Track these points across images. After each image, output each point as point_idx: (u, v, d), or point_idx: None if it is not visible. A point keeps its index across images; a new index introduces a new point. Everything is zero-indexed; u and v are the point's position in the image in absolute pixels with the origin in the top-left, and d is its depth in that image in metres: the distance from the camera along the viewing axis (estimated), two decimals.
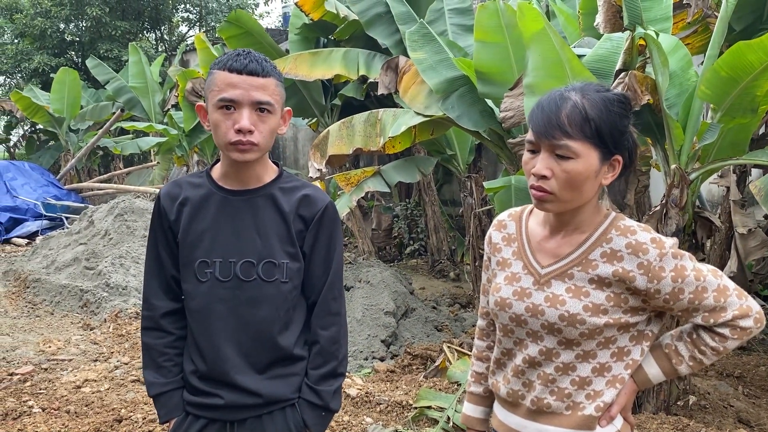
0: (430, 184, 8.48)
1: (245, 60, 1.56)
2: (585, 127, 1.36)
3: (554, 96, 1.41)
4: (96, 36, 16.19)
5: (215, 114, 1.57)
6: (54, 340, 5.36)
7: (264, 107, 1.57)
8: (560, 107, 1.38)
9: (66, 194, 11.86)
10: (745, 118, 3.05)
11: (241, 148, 1.57)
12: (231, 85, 1.54)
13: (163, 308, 1.72)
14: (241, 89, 1.54)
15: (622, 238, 1.41)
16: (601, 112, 1.37)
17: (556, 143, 1.36)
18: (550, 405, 1.47)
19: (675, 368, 1.47)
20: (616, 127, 1.39)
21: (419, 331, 5.83)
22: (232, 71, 1.55)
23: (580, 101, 1.38)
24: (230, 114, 1.55)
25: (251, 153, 1.59)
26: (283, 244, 1.66)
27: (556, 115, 1.37)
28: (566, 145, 1.35)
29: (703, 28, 4.95)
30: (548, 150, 1.38)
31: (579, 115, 1.36)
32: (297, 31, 8.17)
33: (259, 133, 1.57)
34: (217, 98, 1.55)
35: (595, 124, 1.36)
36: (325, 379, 1.71)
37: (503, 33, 3.64)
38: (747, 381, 4.47)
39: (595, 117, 1.36)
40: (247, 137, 1.55)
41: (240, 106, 1.55)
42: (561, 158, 1.37)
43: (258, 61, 1.57)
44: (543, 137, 1.38)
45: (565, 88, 1.44)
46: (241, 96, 1.54)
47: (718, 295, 1.40)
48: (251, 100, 1.55)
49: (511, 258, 1.55)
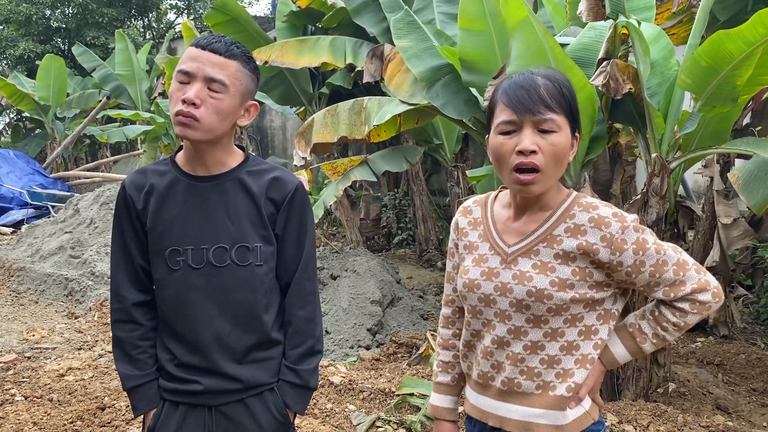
0: (419, 174, 8.47)
1: (213, 39, 1.56)
2: (562, 101, 1.41)
3: (527, 75, 1.45)
4: (82, 23, 16.02)
5: (173, 86, 1.57)
6: (38, 328, 5.34)
7: (216, 84, 1.54)
8: (537, 84, 1.41)
9: (52, 183, 11.76)
10: (725, 107, 3.06)
11: (182, 120, 1.53)
12: (191, 58, 1.54)
13: (133, 299, 1.70)
14: (198, 63, 1.53)
15: (584, 213, 1.44)
16: (570, 90, 1.44)
17: (542, 117, 1.39)
18: (520, 384, 1.49)
19: (640, 346, 1.50)
20: (577, 104, 1.46)
21: (405, 320, 5.85)
22: (198, 47, 1.55)
23: (551, 79, 1.43)
24: (184, 87, 1.54)
25: (192, 129, 1.54)
26: (256, 228, 1.65)
27: (536, 90, 1.40)
28: (551, 119, 1.39)
29: (688, 19, 4.96)
30: (532, 125, 1.40)
31: (556, 91, 1.41)
32: (284, 18, 8.12)
33: (205, 108, 1.53)
34: (176, 70, 1.56)
35: (568, 100, 1.42)
36: (303, 357, 1.71)
37: (487, 21, 3.63)
38: (727, 369, 4.53)
39: (567, 93, 1.43)
40: (189, 108, 1.52)
41: (194, 80, 1.53)
42: (545, 132, 1.39)
43: (226, 43, 1.56)
44: (527, 113, 1.39)
45: (527, 71, 1.47)
46: (196, 69, 1.53)
47: (678, 269, 1.43)
48: (204, 75, 1.53)
49: (477, 241, 1.57)
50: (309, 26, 8.47)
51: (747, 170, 3.04)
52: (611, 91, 3.14)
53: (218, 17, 7.59)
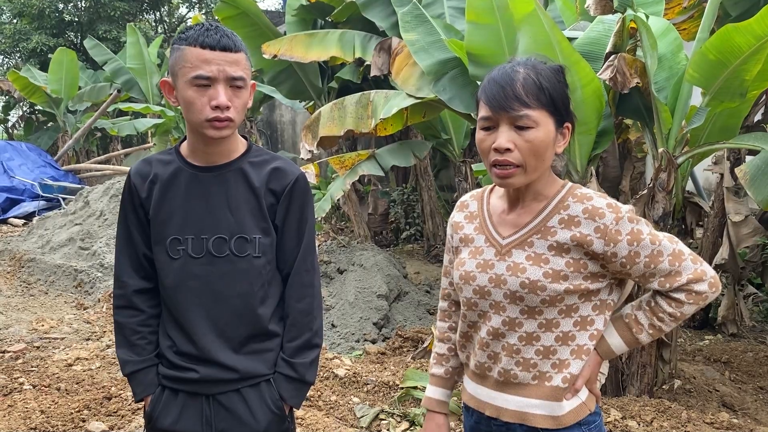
0: (427, 170, 8.46)
1: (216, 35, 1.55)
2: (540, 95, 1.39)
3: (505, 69, 1.44)
4: (95, 16, 16.11)
5: (189, 91, 1.55)
6: (47, 319, 5.39)
7: (238, 83, 1.57)
8: (514, 79, 1.40)
9: (63, 175, 11.85)
10: (733, 102, 3.03)
11: (218, 125, 1.57)
12: (205, 62, 1.53)
13: (135, 286, 1.72)
14: (216, 65, 1.53)
15: (578, 205, 1.44)
16: (552, 81, 1.42)
17: (516, 114, 1.38)
18: (516, 375, 1.49)
19: (636, 337, 1.50)
20: (566, 95, 1.44)
21: (411, 315, 5.85)
22: (205, 47, 1.53)
23: (532, 72, 1.41)
24: (205, 91, 1.55)
25: (227, 129, 1.59)
26: (255, 219, 1.66)
27: (512, 86, 1.39)
28: (526, 115, 1.38)
29: (699, 14, 4.91)
30: (508, 123, 1.40)
31: (534, 85, 1.39)
32: (294, 12, 8.12)
33: (234, 108, 1.57)
34: (191, 75, 1.54)
35: (549, 93, 1.40)
36: (300, 351, 1.71)
37: (495, 14, 3.61)
38: (734, 366, 4.49)
39: (548, 86, 1.40)
40: (225, 113, 1.55)
41: (215, 83, 1.54)
42: (521, 129, 1.39)
43: (229, 36, 1.56)
44: (501, 110, 1.39)
45: (511, 62, 1.47)
46: (217, 72, 1.53)
47: (673, 259, 1.42)
48: (226, 76, 1.54)
49: (473, 233, 1.58)
50: (318, 20, 8.46)
51: (754, 165, 3.01)
52: (618, 86, 3.12)
53: (228, 11, 7.60)
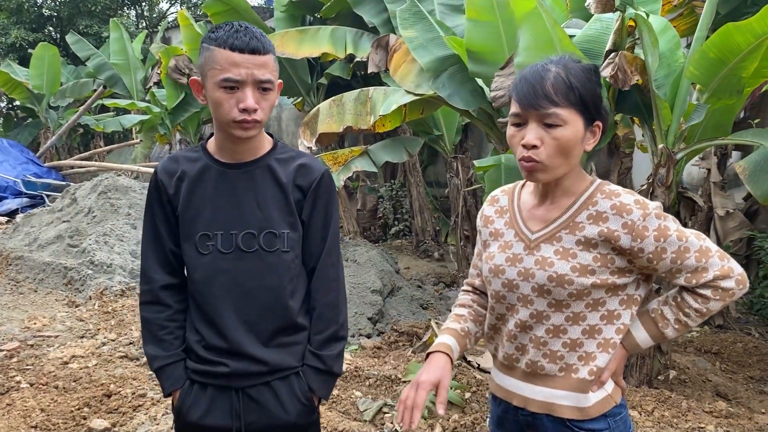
0: (416, 165, 8.51)
1: (245, 37, 1.56)
2: (570, 94, 1.42)
3: (537, 68, 1.47)
4: (75, 11, 15.86)
5: (217, 92, 1.58)
6: (39, 316, 5.33)
7: (266, 85, 1.59)
8: (544, 78, 1.44)
9: (46, 172, 11.68)
10: (731, 98, 3.11)
11: (245, 125, 1.59)
12: (234, 65, 1.55)
13: (162, 282, 1.73)
14: (245, 68, 1.55)
15: (607, 201, 1.47)
16: (583, 80, 1.45)
17: (545, 112, 1.42)
18: (543, 367, 1.53)
19: (662, 332, 1.53)
20: (596, 94, 1.47)
21: (405, 309, 5.90)
22: (234, 50, 1.55)
23: (563, 71, 1.44)
24: (233, 93, 1.57)
25: (254, 130, 1.61)
26: (283, 214, 1.68)
27: (542, 85, 1.43)
28: (554, 113, 1.41)
29: (688, 12, 5.02)
30: (536, 120, 1.43)
31: (563, 84, 1.42)
32: (283, 8, 8.10)
33: (262, 110, 1.59)
34: (220, 77, 1.56)
35: (578, 92, 1.43)
36: (327, 343, 1.75)
37: (495, 12, 3.65)
38: (724, 357, 4.60)
39: (578, 85, 1.43)
40: (252, 116, 1.58)
41: (244, 86, 1.56)
42: (549, 126, 1.42)
43: (258, 38, 1.58)
44: (530, 108, 1.43)
45: (544, 61, 1.50)
46: (246, 76, 1.55)
47: (700, 255, 1.44)
48: (255, 79, 1.56)
49: (503, 228, 1.62)
50: (307, 16, 8.45)
51: (753, 161, 3.09)
52: (619, 83, 3.17)
53: (217, 7, 7.56)
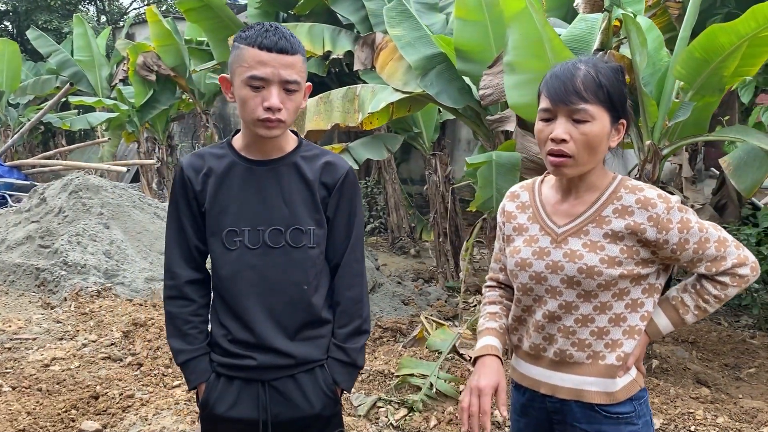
0: (391, 163, 8.55)
1: (275, 37, 1.58)
2: (599, 92, 1.48)
3: (567, 66, 1.53)
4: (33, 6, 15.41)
5: (243, 90, 1.59)
6: (13, 319, 5.19)
7: (291, 86, 1.60)
8: (575, 75, 1.50)
9: (8, 171, 11.30)
10: (713, 96, 3.24)
11: (269, 125, 1.60)
12: (261, 63, 1.56)
13: (186, 277, 1.75)
14: (271, 67, 1.56)
15: (631, 195, 1.54)
16: (611, 79, 1.51)
17: (574, 107, 1.48)
18: (572, 355, 1.59)
19: (682, 318, 1.61)
20: (623, 93, 1.54)
21: (387, 306, 5.93)
22: (262, 48, 1.56)
23: (592, 70, 1.51)
24: (259, 91, 1.58)
25: (277, 130, 1.63)
26: (309, 211, 1.71)
27: (572, 81, 1.49)
28: (584, 109, 1.47)
29: (661, 12, 5.18)
30: (566, 115, 1.49)
31: (593, 82, 1.48)
32: (257, 4, 8.03)
33: (286, 110, 1.61)
34: (246, 75, 1.57)
35: (607, 90, 1.49)
36: (351, 336, 1.78)
37: (483, 12, 3.71)
38: (700, 346, 4.78)
39: (607, 83, 1.50)
40: (276, 115, 1.59)
41: (269, 85, 1.57)
42: (578, 122, 1.48)
43: (287, 38, 1.59)
44: (561, 103, 1.49)
45: (574, 60, 1.56)
46: (272, 75, 1.57)
47: (719, 245, 1.53)
48: (280, 79, 1.58)
49: (527, 223, 1.67)
50: (281, 13, 8.40)
51: (737, 156, 3.22)
52: None
53: (191, 3, 7.46)
